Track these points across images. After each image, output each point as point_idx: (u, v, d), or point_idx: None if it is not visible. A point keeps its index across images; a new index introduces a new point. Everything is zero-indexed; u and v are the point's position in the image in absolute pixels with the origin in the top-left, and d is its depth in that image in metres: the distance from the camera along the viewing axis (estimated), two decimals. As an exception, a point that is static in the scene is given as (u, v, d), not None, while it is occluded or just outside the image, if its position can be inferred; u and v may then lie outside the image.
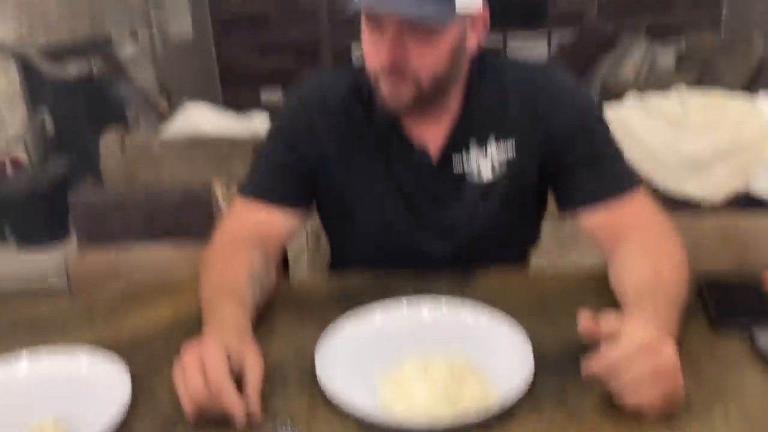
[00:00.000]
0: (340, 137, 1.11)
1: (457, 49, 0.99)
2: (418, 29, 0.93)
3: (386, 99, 1.00)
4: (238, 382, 0.74)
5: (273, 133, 1.16)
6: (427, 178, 1.09)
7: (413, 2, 0.89)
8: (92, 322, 1.03)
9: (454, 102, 1.07)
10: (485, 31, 1.02)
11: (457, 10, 0.92)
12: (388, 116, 1.07)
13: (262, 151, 1.15)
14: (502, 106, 1.07)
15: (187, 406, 0.72)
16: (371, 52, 0.99)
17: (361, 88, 1.10)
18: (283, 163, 1.12)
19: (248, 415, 0.72)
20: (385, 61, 0.95)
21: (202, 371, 0.73)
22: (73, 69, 3.36)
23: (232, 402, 0.71)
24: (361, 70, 1.08)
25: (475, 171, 1.09)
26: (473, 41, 1.02)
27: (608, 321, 0.73)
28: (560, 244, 2.35)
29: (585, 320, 0.74)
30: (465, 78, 1.06)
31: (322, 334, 0.87)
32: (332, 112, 1.11)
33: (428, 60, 0.97)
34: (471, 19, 0.98)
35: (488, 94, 1.08)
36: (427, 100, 1.01)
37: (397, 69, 0.96)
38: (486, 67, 1.08)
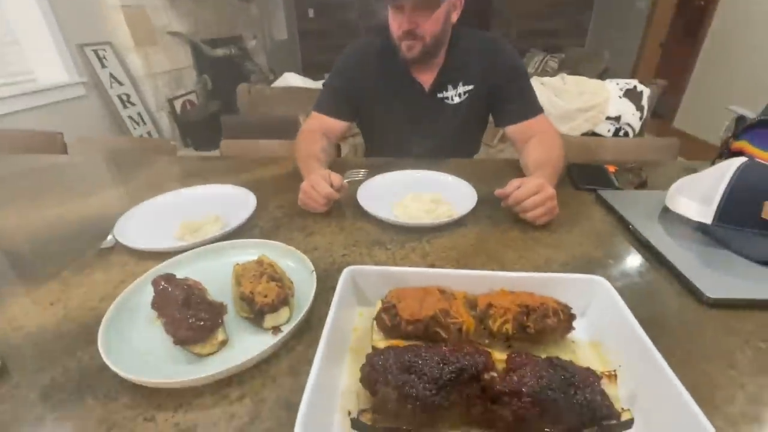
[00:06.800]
0: (374, 77, 1.28)
1: (447, 19, 1.16)
2: (425, 7, 1.10)
3: (404, 54, 1.17)
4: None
5: (334, 71, 1.32)
6: (422, 102, 1.28)
7: None
8: (235, 171, 1.25)
9: (440, 57, 1.25)
10: (460, 10, 1.21)
11: None
12: (402, 65, 1.23)
13: (327, 82, 1.33)
14: (468, 62, 1.24)
15: (320, 204, 0.97)
16: (395, 25, 1.14)
17: (386, 48, 1.26)
18: (340, 89, 1.29)
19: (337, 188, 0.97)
20: (405, 28, 1.12)
21: (317, 188, 0.96)
22: (220, 52, 4.11)
23: (331, 192, 0.96)
24: (387, 37, 1.25)
25: (450, 98, 1.26)
26: (454, 16, 1.20)
27: (512, 183, 0.93)
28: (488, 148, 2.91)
29: (498, 191, 0.92)
30: (448, 41, 1.24)
31: (362, 182, 1.10)
32: (370, 61, 1.28)
33: (431, 25, 1.13)
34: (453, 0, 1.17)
35: (460, 54, 1.23)
36: (429, 53, 1.18)
37: (411, 34, 1.13)
38: (459, 34, 1.24)
